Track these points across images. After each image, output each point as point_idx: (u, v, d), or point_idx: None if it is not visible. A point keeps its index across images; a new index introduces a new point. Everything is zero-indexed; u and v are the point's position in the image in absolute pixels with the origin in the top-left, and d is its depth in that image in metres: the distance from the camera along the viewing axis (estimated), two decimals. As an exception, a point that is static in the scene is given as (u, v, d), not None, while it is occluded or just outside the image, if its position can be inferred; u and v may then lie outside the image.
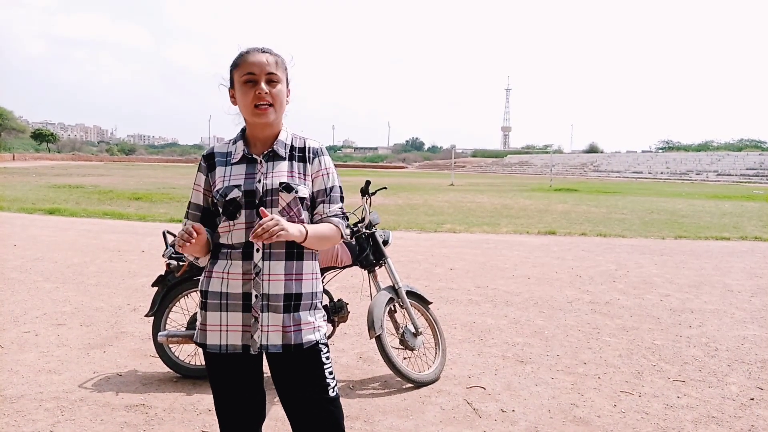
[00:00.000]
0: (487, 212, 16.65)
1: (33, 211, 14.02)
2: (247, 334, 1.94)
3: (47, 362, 4.10)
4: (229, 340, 1.95)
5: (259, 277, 1.92)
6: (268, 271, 1.93)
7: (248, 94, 1.92)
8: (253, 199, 1.93)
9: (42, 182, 26.42)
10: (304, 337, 1.97)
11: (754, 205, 21.42)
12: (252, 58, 1.93)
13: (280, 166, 1.98)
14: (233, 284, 1.94)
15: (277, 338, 1.94)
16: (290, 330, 1.95)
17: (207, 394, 3.63)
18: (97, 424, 3.20)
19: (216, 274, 1.97)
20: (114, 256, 8.26)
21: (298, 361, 1.98)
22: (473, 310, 5.79)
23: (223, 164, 2.00)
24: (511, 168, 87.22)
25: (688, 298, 6.46)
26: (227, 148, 2.04)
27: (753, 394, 3.80)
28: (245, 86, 1.93)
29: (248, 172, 1.96)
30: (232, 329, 1.94)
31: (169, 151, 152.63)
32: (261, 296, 1.92)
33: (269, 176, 1.96)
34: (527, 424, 3.32)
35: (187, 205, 2.07)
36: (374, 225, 4.00)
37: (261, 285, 1.93)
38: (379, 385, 3.86)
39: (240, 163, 1.98)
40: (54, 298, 5.85)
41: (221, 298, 1.95)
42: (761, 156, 61.80)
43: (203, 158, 2.04)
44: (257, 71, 1.91)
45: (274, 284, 1.93)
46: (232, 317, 1.94)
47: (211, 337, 1.96)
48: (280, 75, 1.96)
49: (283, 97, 1.98)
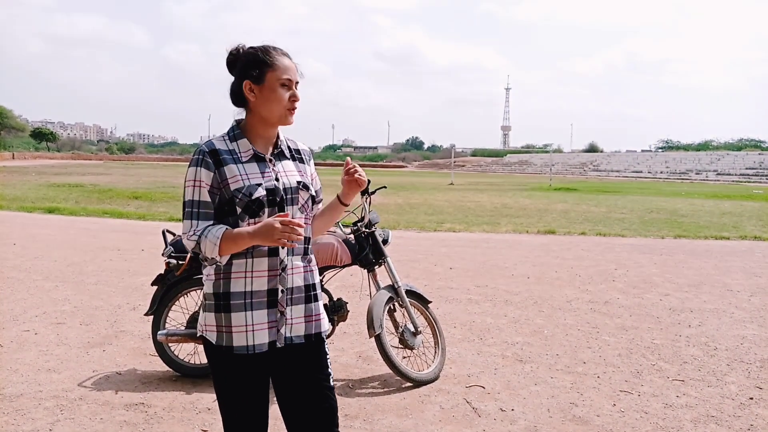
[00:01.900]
0: (486, 211, 16.66)
1: (32, 209, 14.02)
2: (273, 330, 1.94)
3: (47, 361, 4.10)
4: (256, 339, 1.93)
5: (285, 272, 1.95)
6: (291, 265, 1.97)
7: (284, 96, 1.95)
8: (275, 198, 1.94)
9: (41, 181, 26.41)
10: (322, 326, 2.05)
11: (754, 205, 21.43)
12: (288, 62, 1.98)
13: (288, 165, 2.03)
14: (258, 282, 1.92)
15: (301, 329, 1.99)
16: (312, 320, 2.01)
17: (206, 393, 3.63)
18: (96, 423, 3.20)
19: (237, 275, 1.92)
20: (113, 254, 8.26)
21: (311, 350, 2.02)
22: (473, 309, 5.79)
23: (232, 162, 1.93)
24: (511, 167, 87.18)
25: (688, 297, 6.46)
26: (227, 144, 1.97)
27: (752, 394, 3.80)
28: (282, 88, 1.95)
29: (262, 170, 1.96)
30: (258, 328, 1.92)
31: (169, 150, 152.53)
32: (287, 290, 1.96)
33: (284, 175, 1.99)
34: (526, 423, 3.32)
35: (190, 205, 1.92)
36: (374, 224, 4.00)
37: (287, 279, 1.95)
38: (378, 384, 3.86)
39: (251, 162, 1.96)
40: (53, 296, 5.85)
41: (246, 297, 1.92)
42: (761, 156, 61.78)
43: (207, 154, 1.92)
44: (293, 77, 1.97)
45: (297, 277, 1.98)
46: (258, 315, 1.92)
47: (238, 339, 1.92)
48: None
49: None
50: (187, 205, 1.93)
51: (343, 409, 3.43)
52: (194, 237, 1.88)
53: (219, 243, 1.84)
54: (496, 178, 57.42)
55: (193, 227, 1.90)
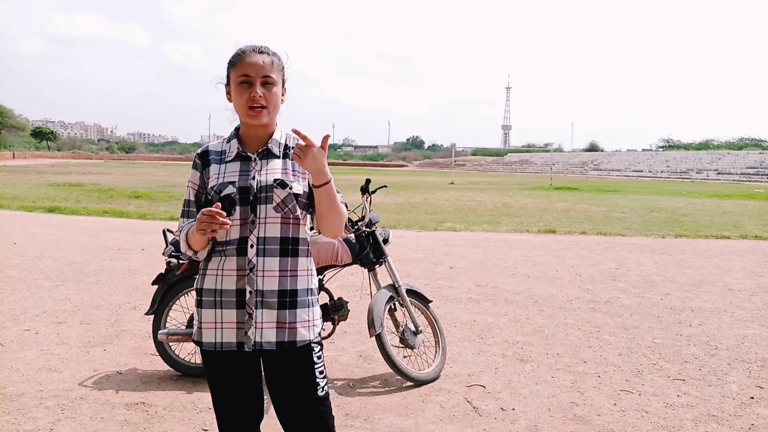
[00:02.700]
0: (487, 211, 16.65)
1: (33, 209, 14.02)
2: (241, 331, 1.93)
3: (47, 360, 4.10)
4: (224, 337, 1.94)
5: (253, 273, 1.92)
6: (262, 267, 1.92)
7: (243, 96, 1.91)
8: (248, 196, 1.92)
9: (42, 180, 26.42)
10: (299, 335, 1.96)
11: (755, 204, 21.42)
12: (249, 59, 1.92)
13: (274, 163, 1.99)
14: (227, 281, 1.93)
15: (272, 335, 1.93)
16: (285, 327, 1.94)
17: (207, 392, 3.62)
18: (97, 423, 3.20)
19: (210, 272, 1.96)
20: (114, 254, 8.26)
21: (290, 359, 1.97)
22: (473, 308, 5.79)
23: (217, 162, 2.00)
24: (512, 166, 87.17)
25: (689, 296, 6.46)
26: (222, 146, 2.04)
27: (753, 393, 3.80)
28: (240, 87, 1.92)
29: (243, 169, 1.96)
30: (226, 326, 1.94)
31: (169, 149, 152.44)
32: (255, 292, 1.92)
33: (263, 173, 1.95)
34: (527, 422, 3.32)
35: (184, 204, 2.05)
36: (374, 223, 4.00)
37: (255, 281, 1.92)
38: (379, 384, 3.86)
39: (234, 161, 1.98)
40: (54, 296, 5.85)
41: (215, 295, 1.95)
42: (761, 155, 61.74)
43: (198, 156, 2.04)
44: (253, 73, 1.90)
45: (269, 280, 1.92)
46: (227, 314, 1.93)
47: (207, 335, 1.96)
48: (276, 77, 1.94)
49: (278, 99, 1.97)
50: (183, 205, 2.07)
51: (343, 408, 3.43)
52: (178, 234, 2.02)
53: (185, 239, 1.94)
54: (496, 177, 57.40)
55: (180, 225, 2.04)
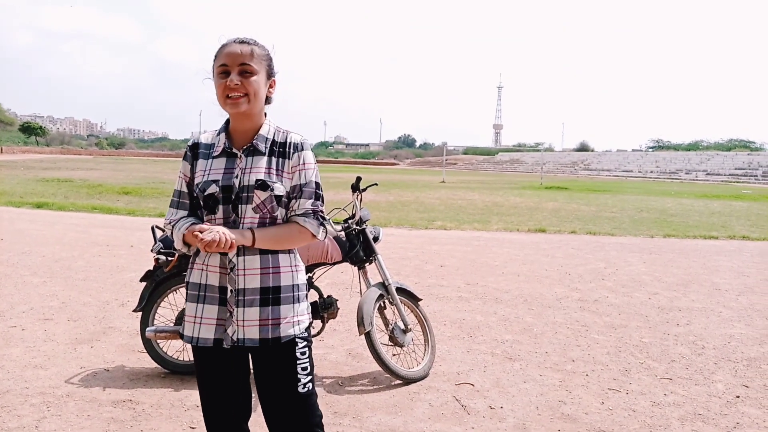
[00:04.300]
0: (478, 209, 16.69)
1: (21, 204, 13.90)
2: (220, 328, 1.93)
3: (33, 357, 4.06)
4: (201, 332, 1.95)
5: (234, 273, 1.92)
6: (243, 266, 1.92)
7: (221, 85, 1.91)
8: (230, 195, 1.92)
9: (30, 176, 26.19)
10: (283, 331, 1.95)
11: (743, 205, 21.62)
12: (227, 49, 1.92)
13: (259, 161, 1.95)
14: (211, 276, 1.94)
15: (254, 332, 1.93)
16: (268, 324, 1.93)
17: (195, 389, 3.60)
18: (83, 420, 3.18)
19: (197, 266, 1.98)
20: (102, 250, 8.20)
21: (273, 355, 1.97)
22: (463, 307, 5.80)
23: (205, 156, 1.99)
24: (503, 166, 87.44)
25: (676, 296, 6.51)
26: (212, 139, 2.03)
27: (739, 392, 3.83)
28: (219, 77, 1.92)
29: (227, 166, 1.95)
30: (205, 322, 1.94)
31: (159, 145, 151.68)
32: (236, 291, 1.92)
33: (247, 172, 1.93)
34: (515, 420, 3.33)
35: (173, 195, 2.04)
36: (365, 221, 3.99)
37: (236, 280, 1.92)
38: (368, 382, 3.86)
39: (220, 157, 1.97)
40: (41, 292, 5.80)
41: (200, 289, 1.96)
42: (750, 156, 62.38)
43: (188, 147, 2.04)
44: (230, 62, 1.90)
45: (250, 278, 1.92)
46: (208, 310, 1.94)
47: (188, 328, 1.98)
48: (256, 66, 1.92)
49: (259, 88, 1.93)
50: (172, 195, 2.06)
51: (332, 406, 3.43)
52: (169, 226, 2.02)
53: (182, 237, 1.93)
54: (487, 176, 57.54)
55: (170, 215, 2.03)
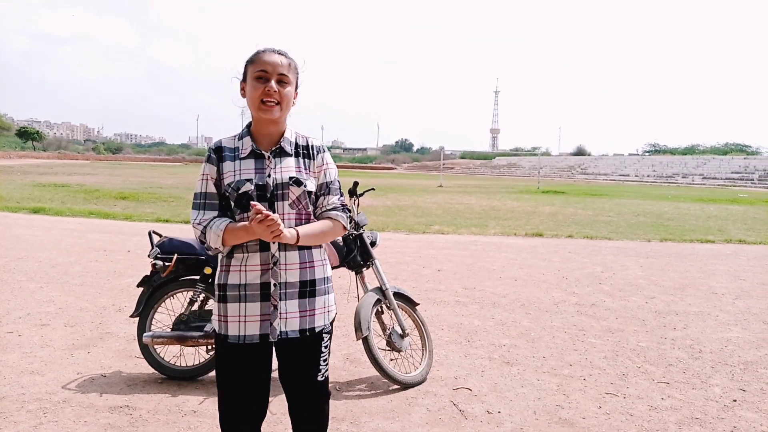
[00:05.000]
0: (475, 214, 16.70)
1: (17, 210, 13.87)
2: (265, 323, 2.04)
3: (30, 363, 4.05)
4: (248, 330, 2.04)
5: (277, 267, 2.03)
6: (284, 261, 2.04)
7: (258, 90, 2.02)
8: (265, 193, 2.03)
9: (27, 181, 26.13)
10: (318, 321, 2.12)
11: (739, 209, 21.67)
12: (267, 57, 2.04)
13: (287, 161, 2.09)
14: (251, 275, 2.03)
15: (295, 324, 2.07)
16: (306, 315, 2.09)
17: (192, 395, 3.61)
18: (80, 426, 3.16)
19: (234, 267, 2.06)
20: (99, 255, 8.18)
21: (300, 348, 2.11)
22: (460, 311, 5.81)
23: (231, 159, 2.08)
24: (500, 170, 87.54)
25: (673, 300, 6.52)
26: (234, 143, 2.12)
27: (735, 396, 3.84)
28: (257, 82, 2.03)
29: (258, 166, 2.06)
30: (250, 320, 2.04)
31: (156, 150, 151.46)
32: (279, 285, 2.03)
33: (278, 171, 2.06)
34: (513, 425, 3.33)
35: (197, 197, 2.09)
36: (362, 226, 4.00)
37: (279, 274, 2.03)
38: (365, 387, 3.85)
39: (249, 158, 2.07)
40: (38, 298, 5.78)
41: (240, 289, 2.04)
42: (746, 160, 62.48)
43: (212, 150, 2.11)
44: (270, 70, 2.02)
45: (291, 272, 2.05)
46: (251, 308, 2.04)
47: (232, 328, 2.05)
48: (291, 77, 2.07)
49: (290, 98, 2.08)
50: (195, 197, 2.10)
51: (329, 411, 3.42)
52: (199, 226, 2.05)
53: (222, 235, 1.99)
54: (484, 180, 57.60)
55: (199, 217, 2.07)
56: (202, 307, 3.90)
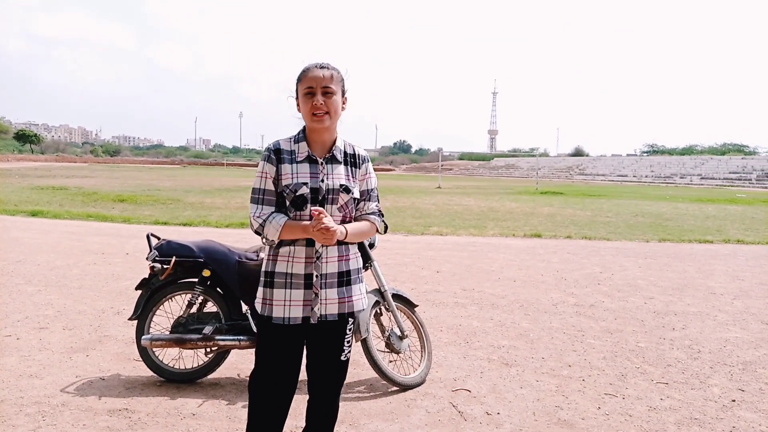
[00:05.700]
0: (473, 215, 16.71)
1: (15, 212, 13.85)
2: (307, 308, 2.32)
3: (28, 366, 4.04)
4: (292, 313, 2.32)
5: (320, 260, 2.32)
6: (326, 255, 2.33)
7: (307, 104, 2.30)
8: (317, 196, 2.31)
9: (25, 183, 26.10)
10: (355, 306, 2.42)
11: (737, 209, 21.70)
12: (311, 74, 2.30)
13: (338, 169, 2.37)
14: (297, 266, 2.32)
15: (334, 308, 2.36)
16: (344, 301, 2.38)
17: (191, 398, 3.60)
18: (79, 429, 3.16)
19: (282, 258, 2.33)
20: (98, 258, 8.17)
21: (329, 330, 2.39)
22: (459, 312, 5.81)
23: (288, 161, 2.34)
24: (498, 171, 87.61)
25: (672, 300, 6.52)
26: (290, 146, 2.38)
27: (734, 396, 3.84)
28: (306, 98, 2.30)
29: (312, 171, 2.33)
30: (294, 304, 2.31)
31: (155, 152, 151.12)
32: (320, 276, 2.32)
33: (330, 177, 2.34)
34: (512, 426, 3.33)
35: (256, 192, 2.34)
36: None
37: (321, 266, 2.32)
38: (364, 389, 3.85)
39: (304, 162, 2.34)
40: (36, 301, 5.77)
41: (287, 277, 2.32)
42: (744, 160, 62.63)
43: (272, 152, 2.35)
44: (314, 85, 2.29)
45: (330, 264, 2.34)
46: (295, 294, 2.32)
47: (276, 311, 2.32)
48: (335, 87, 2.31)
49: (338, 106, 2.33)
50: (254, 192, 2.36)
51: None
52: (259, 219, 2.30)
53: (281, 229, 2.26)
54: (482, 181, 57.62)
55: (259, 211, 2.32)
56: (201, 309, 3.89)
